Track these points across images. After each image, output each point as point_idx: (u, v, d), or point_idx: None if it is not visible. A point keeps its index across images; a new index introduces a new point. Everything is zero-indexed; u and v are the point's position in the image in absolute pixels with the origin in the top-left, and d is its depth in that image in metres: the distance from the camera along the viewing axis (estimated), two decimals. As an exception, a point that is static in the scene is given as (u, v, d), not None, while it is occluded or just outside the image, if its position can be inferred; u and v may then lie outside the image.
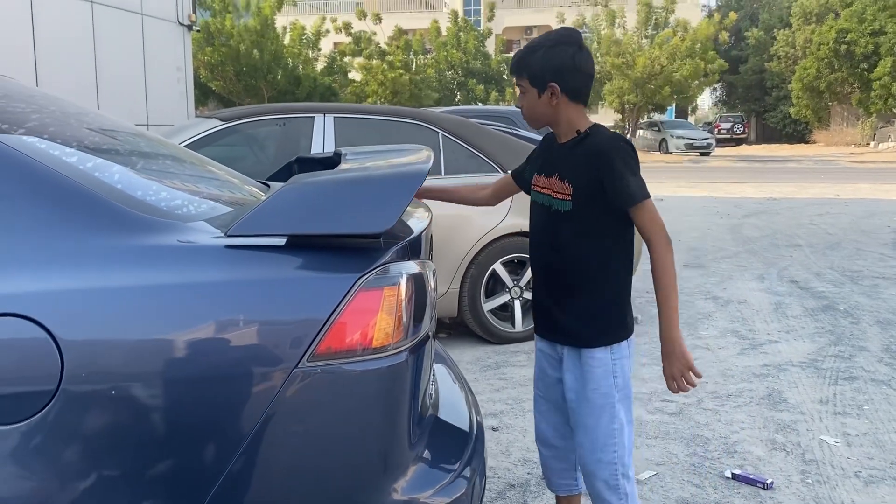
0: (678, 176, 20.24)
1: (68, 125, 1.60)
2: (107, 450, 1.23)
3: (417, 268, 1.50)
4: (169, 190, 1.56)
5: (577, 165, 2.00)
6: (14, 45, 9.52)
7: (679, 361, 1.95)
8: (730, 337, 5.02)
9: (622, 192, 1.92)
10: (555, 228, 2.06)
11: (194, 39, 25.05)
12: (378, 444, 1.38)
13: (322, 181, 1.46)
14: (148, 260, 1.29)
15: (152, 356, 1.25)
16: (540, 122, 2.07)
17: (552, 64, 1.97)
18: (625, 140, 1.99)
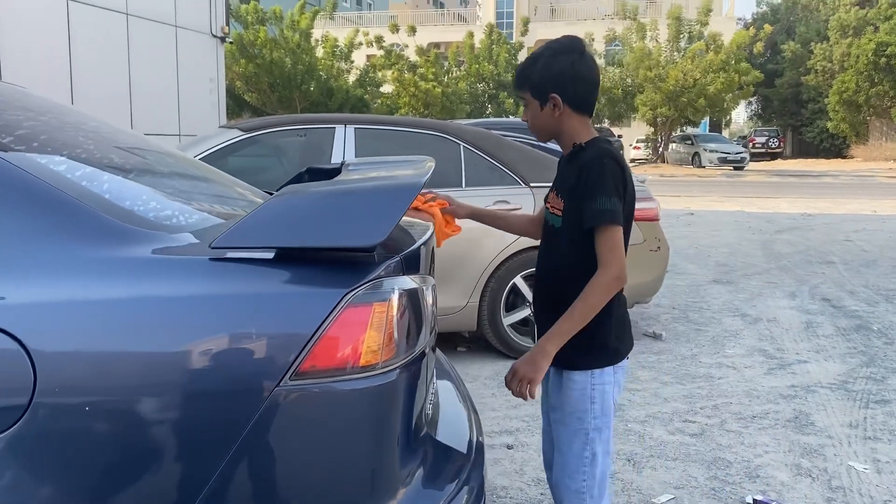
0: (710, 190, 19.96)
1: (62, 133, 1.58)
2: (79, 467, 1.19)
3: (412, 283, 1.45)
4: (161, 200, 1.53)
5: (569, 180, 1.92)
6: (51, 56, 9.70)
7: (531, 368, 1.83)
8: (757, 356, 4.89)
9: (587, 209, 1.82)
10: (548, 245, 2.03)
11: (228, 51, 25.46)
12: (365, 465, 1.33)
13: (310, 193, 1.42)
14: (126, 271, 1.25)
15: (126, 371, 1.21)
16: (544, 134, 2.00)
17: (552, 74, 1.90)
18: (613, 157, 1.86)
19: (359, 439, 1.31)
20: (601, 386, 1.93)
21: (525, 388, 1.83)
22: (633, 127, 37.94)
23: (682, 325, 5.75)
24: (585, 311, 1.82)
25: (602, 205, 1.80)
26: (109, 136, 1.78)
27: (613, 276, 1.82)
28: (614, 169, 1.84)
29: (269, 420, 1.24)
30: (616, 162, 1.85)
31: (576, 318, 1.82)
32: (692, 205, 15.73)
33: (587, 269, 1.86)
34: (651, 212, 5.21)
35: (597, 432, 1.94)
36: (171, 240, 1.33)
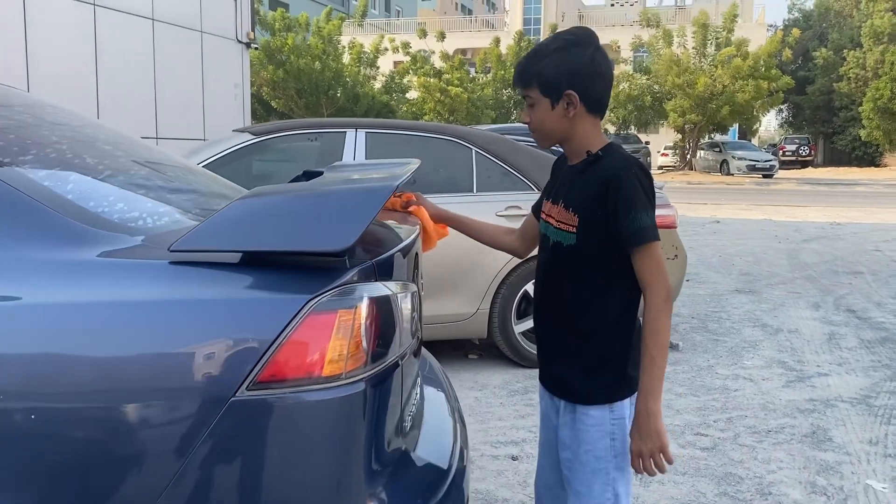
0: (738, 198, 19.67)
1: (35, 132, 1.55)
2: (19, 475, 1.15)
3: (384, 289, 1.39)
4: (132, 202, 1.49)
5: (586, 193, 1.70)
6: (77, 61, 9.82)
7: (652, 439, 1.64)
8: (776, 368, 4.75)
9: (627, 228, 1.63)
10: (557, 265, 1.79)
11: (256, 58, 25.69)
12: (328, 481, 1.27)
13: (276, 195, 1.37)
14: (76, 273, 1.21)
15: (69, 378, 1.17)
16: (552, 138, 1.78)
17: (568, 68, 1.68)
18: (640, 165, 1.68)
19: (321, 454, 1.25)
20: (621, 420, 1.74)
21: (659, 459, 1.65)
22: (660, 134, 37.59)
23: (701, 334, 5.62)
24: (659, 344, 1.64)
25: (642, 221, 1.63)
26: (91, 136, 1.76)
27: (665, 297, 1.66)
28: (645, 180, 1.67)
29: (224, 432, 1.19)
30: (644, 171, 1.68)
31: (658, 360, 1.64)
32: (719, 213, 15.50)
33: (613, 293, 1.70)
34: (668, 219, 5.10)
35: (619, 471, 1.76)
36: (128, 241, 1.29)
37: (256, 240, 1.27)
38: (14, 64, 8.78)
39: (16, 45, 8.90)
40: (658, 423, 1.64)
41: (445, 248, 4.66)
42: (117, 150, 1.75)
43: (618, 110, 32.00)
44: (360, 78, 28.02)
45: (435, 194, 4.56)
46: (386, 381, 1.38)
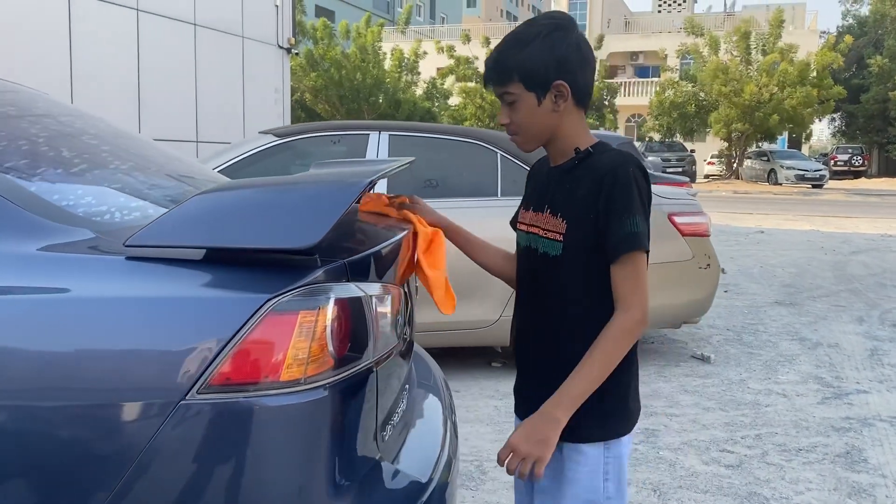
0: (785, 208, 19.18)
1: (13, 123, 1.52)
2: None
3: (358, 291, 1.32)
4: (100, 196, 1.45)
5: (575, 194, 1.50)
6: (120, 66, 10.01)
7: (540, 446, 1.42)
8: (811, 383, 4.55)
9: (616, 231, 1.43)
10: (540, 279, 1.57)
11: (299, 65, 25.99)
12: (284, 494, 1.19)
13: (239, 190, 1.31)
14: (29, 267, 1.16)
15: (11, 374, 1.12)
16: (539, 138, 1.55)
17: (555, 56, 1.47)
18: (638, 165, 1.48)
19: (278, 464, 1.18)
20: (617, 459, 1.53)
21: (528, 468, 1.41)
22: (706, 142, 36.94)
23: (735, 347, 5.43)
24: (606, 365, 1.43)
25: (633, 225, 1.43)
26: (78, 129, 1.72)
27: (637, 318, 1.44)
28: (641, 181, 1.47)
29: (173, 438, 1.13)
30: (641, 171, 1.48)
31: (594, 376, 1.43)
32: (764, 223, 15.12)
33: (605, 308, 1.47)
34: (701, 227, 4.93)
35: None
36: (87, 235, 1.24)
37: (217, 236, 1.21)
38: (58, 69, 8.98)
39: (60, 51, 9.10)
40: (555, 434, 1.43)
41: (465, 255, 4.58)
42: (103, 144, 1.72)
43: (662, 118, 31.52)
44: (400, 84, 28.13)
45: (458, 198, 4.50)
46: (355, 388, 1.31)
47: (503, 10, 66.18)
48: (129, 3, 10.18)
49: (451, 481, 1.60)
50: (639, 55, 44.80)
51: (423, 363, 2.26)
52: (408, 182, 4.47)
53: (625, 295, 1.46)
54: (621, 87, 37.93)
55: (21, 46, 8.45)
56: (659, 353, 5.27)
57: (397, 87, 27.94)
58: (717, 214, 16.08)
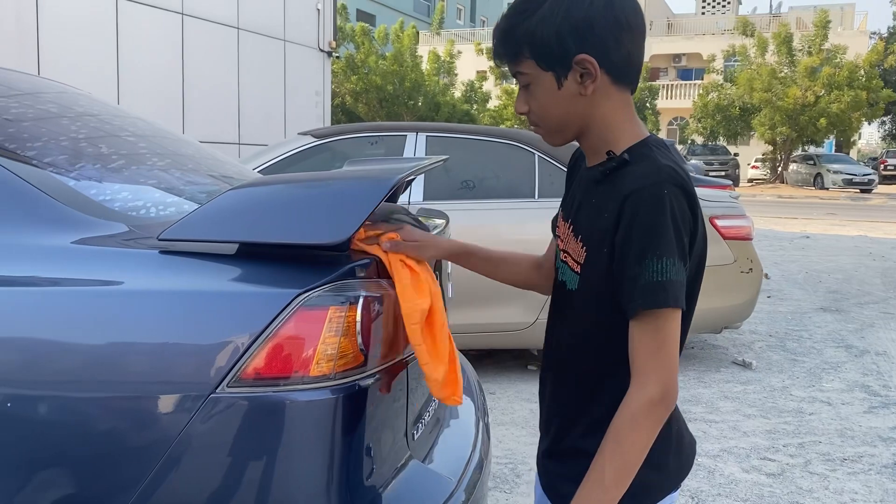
0: (832, 213, 18.74)
1: (54, 122, 1.55)
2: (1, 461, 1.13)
3: (387, 287, 1.31)
4: (136, 191, 1.47)
5: (597, 216, 1.16)
6: (165, 69, 10.21)
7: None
8: (858, 392, 4.43)
9: (629, 278, 1.09)
10: (558, 313, 1.28)
11: (340, 68, 26.22)
12: (311, 487, 1.19)
13: (271, 185, 1.31)
14: (62, 260, 1.18)
15: (49, 369, 1.14)
16: (566, 131, 1.20)
17: (575, 20, 1.11)
18: (677, 183, 1.10)
19: (305, 459, 1.18)
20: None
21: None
22: (751, 145, 36.29)
23: (777, 353, 5.31)
24: (622, 462, 1.08)
25: (657, 273, 1.07)
26: (117, 127, 1.75)
27: (654, 397, 1.08)
28: (681, 207, 1.09)
29: (203, 430, 1.13)
30: (683, 192, 1.10)
31: (610, 480, 1.08)
32: (809, 228, 14.78)
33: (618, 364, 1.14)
34: (744, 230, 4.84)
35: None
36: (120, 229, 1.26)
37: (249, 231, 1.21)
38: (106, 72, 9.19)
39: (107, 54, 9.32)
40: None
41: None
42: (142, 141, 1.74)
43: (705, 120, 31.05)
44: (438, 87, 28.20)
45: (494, 199, 4.48)
46: (385, 384, 1.30)
47: (544, 13, 65.89)
48: (175, 8, 10.38)
49: (481, 482, 1.59)
50: (681, 57, 44.22)
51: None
52: (444, 184, 4.47)
53: (641, 365, 1.10)
54: (663, 89, 37.48)
55: (70, 50, 8.67)
56: (699, 358, 5.18)
57: (436, 90, 28.01)
58: (761, 219, 15.78)
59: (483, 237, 4.29)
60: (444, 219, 1.87)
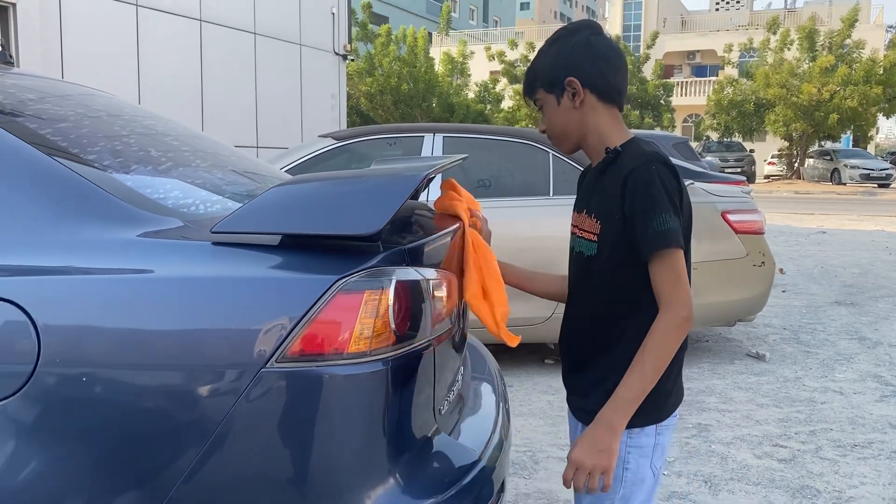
0: (849, 208, 18.68)
1: (107, 128, 1.69)
2: (73, 434, 1.27)
3: (416, 275, 1.45)
4: (186, 190, 1.61)
5: (606, 195, 1.54)
6: (184, 74, 10.41)
7: (602, 456, 1.45)
8: (870, 382, 4.51)
9: (641, 233, 1.46)
10: (579, 278, 1.65)
11: (355, 70, 26.42)
12: (350, 452, 1.33)
13: (310, 182, 1.44)
14: (130, 252, 1.32)
15: (121, 346, 1.28)
16: (569, 138, 1.61)
17: (563, 56, 1.56)
18: (662, 161, 1.50)
19: (345, 426, 1.31)
20: (637, 448, 1.55)
21: (597, 481, 1.45)
22: (767, 142, 36.15)
23: (791, 346, 5.39)
24: (656, 366, 1.45)
25: (659, 224, 1.44)
26: (160, 131, 1.89)
27: (682, 316, 1.45)
28: (667, 177, 1.47)
29: (255, 401, 1.27)
30: (667, 167, 1.49)
31: (646, 379, 1.45)
32: (826, 223, 14.77)
33: (635, 306, 1.52)
34: (756, 224, 4.93)
35: (623, 502, 1.56)
36: (175, 223, 1.40)
37: (291, 223, 1.34)
38: (127, 77, 9.40)
39: (129, 61, 9.53)
40: (615, 442, 1.46)
41: (519, 252, 4.65)
42: (183, 145, 1.89)
43: (720, 116, 30.97)
44: (451, 88, 28.32)
45: (510, 197, 4.61)
46: (414, 362, 1.43)
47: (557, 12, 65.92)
48: (194, 14, 10.58)
49: (502, 460, 1.71)
50: (696, 54, 44.11)
51: (479, 354, 2.37)
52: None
53: (666, 294, 1.46)
54: (678, 86, 37.40)
55: (92, 57, 8.88)
56: (713, 351, 5.27)
57: (449, 91, 28.14)
58: (778, 215, 15.79)
59: (500, 234, 4.41)
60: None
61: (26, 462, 1.25)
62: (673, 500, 2.95)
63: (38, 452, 1.26)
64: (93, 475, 1.27)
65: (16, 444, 1.26)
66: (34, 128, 1.51)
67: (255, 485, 1.29)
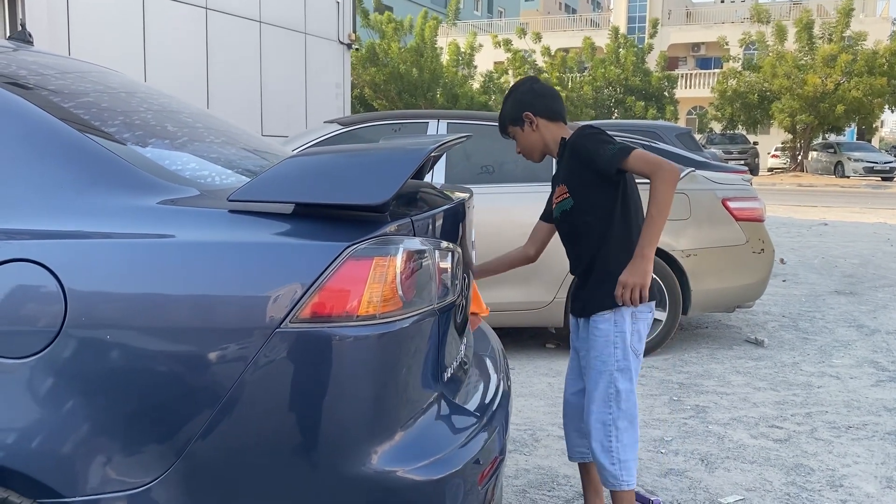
0: (852, 201, 18.70)
1: (123, 102, 1.76)
2: (98, 390, 1.34)
3: (420, 245, 1.51)
4: (201, 163, 1.68)
5: (569, 165, 2.34)
6: (190, 62, 10.47)
7: (640, 276, 2.19)
8: (866, 367, 4.57)
9: (604, 160, 2.19)
10: (567, 227, 2.41)
11: (359, 60, 26.41)
12: (359, 408, 1.40)
13: (322, 154, 1.51)
14: (151, 218, 1.39)
15: (143, 307, 1.35)
16: (536, 151, 2.42)
17: (517, 100, 2.37)
18: (588, 126, 2.34)
19: (354, 384, 1.39)
20: (622, 333, 2.31)
21: (638, 293, 2.20)
22: (771, 134, 36.10)
23: (789, 332, 5.46)
24: (665, 210, 2.13)
25: (612, 148, 2.19)
26: (175, 110, 1.96)
27: (670, 171, 2.13)
28: (594, 129, 2.29)
29: (270, 358, 1.34)
30: (591, 126, 2.33)
31: (661, 221, 2.14)
32: (828, 215, 14.80)
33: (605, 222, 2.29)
34: (756, 212, 4.98)
35: (619, 372, 2.33)
36: (193, 192, 1.47)
37: (304, 192, 1.41)
38: (133, 65, 9.45)
39: (135, 48, 9.58)
40: (648, 265, 2.19)
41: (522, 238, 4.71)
42: (197, 122, 1.95)
43: (724, 108, 30.92)
44: (457, 78, 28.29)
45: (513, 183, 4.67)
46: (421, 328, 1.50)
47: (562, 3, 65.68)
48: (199, 2, 10.62)
49: (502, 427, 1.77)
50: (700, 46, 44.01)
51: (482, 332, 2.44)
52: (465, 168, 4.66)
53: (651, 170, 2.15)
54: (682, 78, 37.31)
55: (99, 44, 8.93)
56: (712, 336, 5.34)
57: (454, 82, 28.11)
58: (780, 207, 15.82)
59: (502, 219, 4.49)
60: (468, 192, 2.06)
61: (50, 416, 1.33)
62: (670, 477, 3.02)
63: (61, 408, 1.33)
64: (115, 429, 1.34)
65: (44, 398, 1.33)
66: (57, 101, 1.58)
67: (269, 436, 1.37)
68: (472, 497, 1.54)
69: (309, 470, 1.39)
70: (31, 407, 1.33)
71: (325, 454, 1.38)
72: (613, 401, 2.33)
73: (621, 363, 2.32)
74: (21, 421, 1.32)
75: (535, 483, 3.00)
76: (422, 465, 1.43)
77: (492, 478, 1.63)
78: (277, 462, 1.38)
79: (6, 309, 1.33)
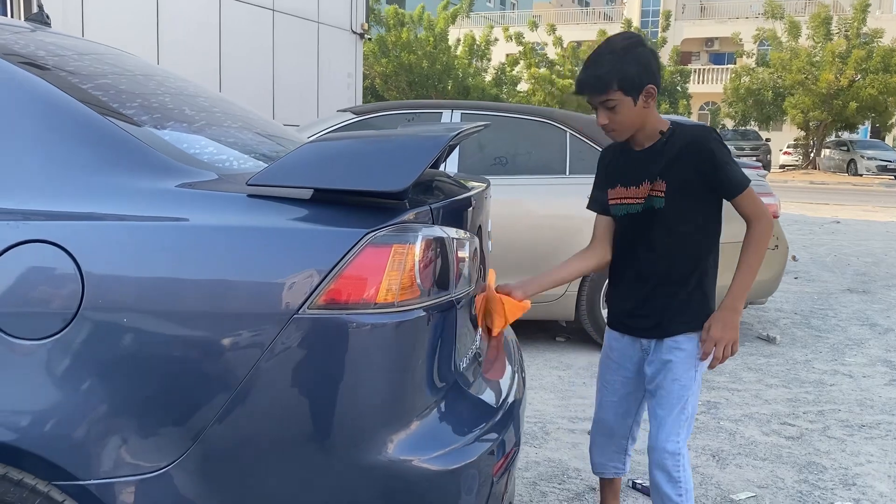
0: (864, 199, 18.56)
1: (141, 85, 1.75)
2: (114, 373, 1.33)
3: (441, 233, 1.50)
4: (219, 147, 1.67)
5: (671, 162, 2.04)
6: (203, 50, 10.46)
7: (732, 332, 2.04)
8: (880, 366, 4.54)
9: (728, 181, 2.00)
10: (645, 229, 2.11)
11: (370, 51, 26.36)
12: (376, 396, 1.39)
13: (342, 140, 1.49)
14: (171, 201, 1.38)
15: (160, 290, 1.34)
16: (631, 129, 2.06)
17: (644, 65, 1.96)
18: (713, 129, 2.07)
19: (370, 370, 1.37)
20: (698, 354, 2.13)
21: (728, 350, 2.06)
22: (783, 131, 35.84)
23: (802, 330, 5.42)
24: (759, 262, 2.02)
25: (738, 171, 2.01)
26: (192, 94, 1.95)
27: (769, 224, 2.02)
28: (721, 139, 2.05)
29: (287, 344, 1.33)
30: (717, 133, 2.06)
31: (753, 272, 2.02)
32: (840, 213, 14.70)
33: (694, 238, 2.08)
34: (771, 207, 4.94)
35: (694, 396, 2.17)
36: (211, 176, 1.45)
37: (323, 178, 1.40)
38: (146, 53, 9.45)
39: (149, 37, 9.58)
40: (738, 320, 2.06)
41: (534, 230, 4.69)
42: (214, 106, 1.94)
43: (737, 104, 30.71)
44: (470, 70, 28.18)
45: (527, 175, 4.65)
46: (438, 316, 1.48)
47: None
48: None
49: (518, 418, 1.76)
50: (714, 41, 43.70)
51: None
52: (479, 160, 4.64)
53: (754, 213, 2.02)
54: (695, 73, 37.05)
55: (112, 31, 8.93)
56: (724, 333, 5.30)
57: (466, 74, 28.02)
58: (792, 204, 15.71)
59: (516, 212, 4.47)
60: (485, 182, 2.04)
61: (66, 399, 1.32)
62: (681, 472, 3.00)
63: (77, 390, 1.32)
64: (130, 413, 1.33)
65: (60, 380, 1.32)
66: (75, 82, 1.57)
67: (284, 423, 1.36)
68: (486, 488, 1.53)
69: (324, 457, 1.38)
70: (47, 389, 1.32)
71: (341, 441, 1.37)
72: (685, 426, 2.15)
73: (698, 384, 2.17)
74: (37, 403, 1.32)
75: (545, 475, 2.99)
76: (437, 455, 1.42)
77: (506, 469, 1.61)
78: (292, 449, 1.38)
79: (23, 290, 1.32)
